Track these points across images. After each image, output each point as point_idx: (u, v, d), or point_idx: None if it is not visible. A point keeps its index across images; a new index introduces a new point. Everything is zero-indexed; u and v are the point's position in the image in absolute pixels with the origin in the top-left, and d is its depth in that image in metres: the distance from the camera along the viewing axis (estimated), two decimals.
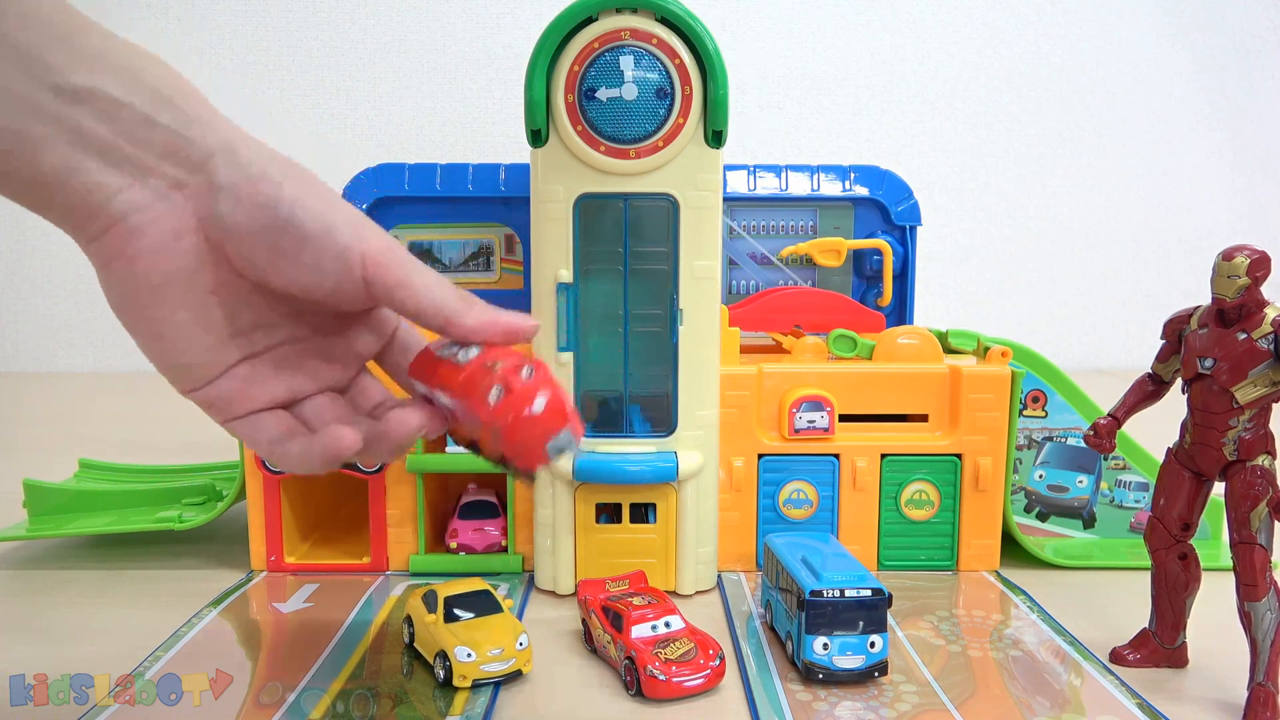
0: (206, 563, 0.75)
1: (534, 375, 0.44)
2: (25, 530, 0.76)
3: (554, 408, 0.43)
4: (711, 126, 0.63)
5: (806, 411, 0.71)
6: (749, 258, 0.90)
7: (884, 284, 0.87)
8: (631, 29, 0.61)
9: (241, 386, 0.41)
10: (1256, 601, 0.51)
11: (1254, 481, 0.51)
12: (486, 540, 0.72)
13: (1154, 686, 0.54)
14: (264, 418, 0.42)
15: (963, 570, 0.73)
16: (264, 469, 0.71)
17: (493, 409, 0.42)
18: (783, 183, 0.89)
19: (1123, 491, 0.78)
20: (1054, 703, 0.52)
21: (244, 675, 0.55)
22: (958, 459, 0.72)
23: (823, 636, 0.54)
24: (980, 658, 0.58)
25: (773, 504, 0.72)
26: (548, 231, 0.65)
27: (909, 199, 0.89)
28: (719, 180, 0.64)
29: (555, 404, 0.43)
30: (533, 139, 0.64)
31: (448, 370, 0.45)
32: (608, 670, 0.56)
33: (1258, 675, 0.51)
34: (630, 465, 0.65)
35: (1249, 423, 0.52)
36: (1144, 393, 0.57)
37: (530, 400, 0.43)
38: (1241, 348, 0.51)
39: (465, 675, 0.53)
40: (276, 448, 0.41)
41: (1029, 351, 0.78)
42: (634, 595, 0.59)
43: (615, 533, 0.68)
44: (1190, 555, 0.56)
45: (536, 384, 0.43)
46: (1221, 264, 0.51)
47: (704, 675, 0.53)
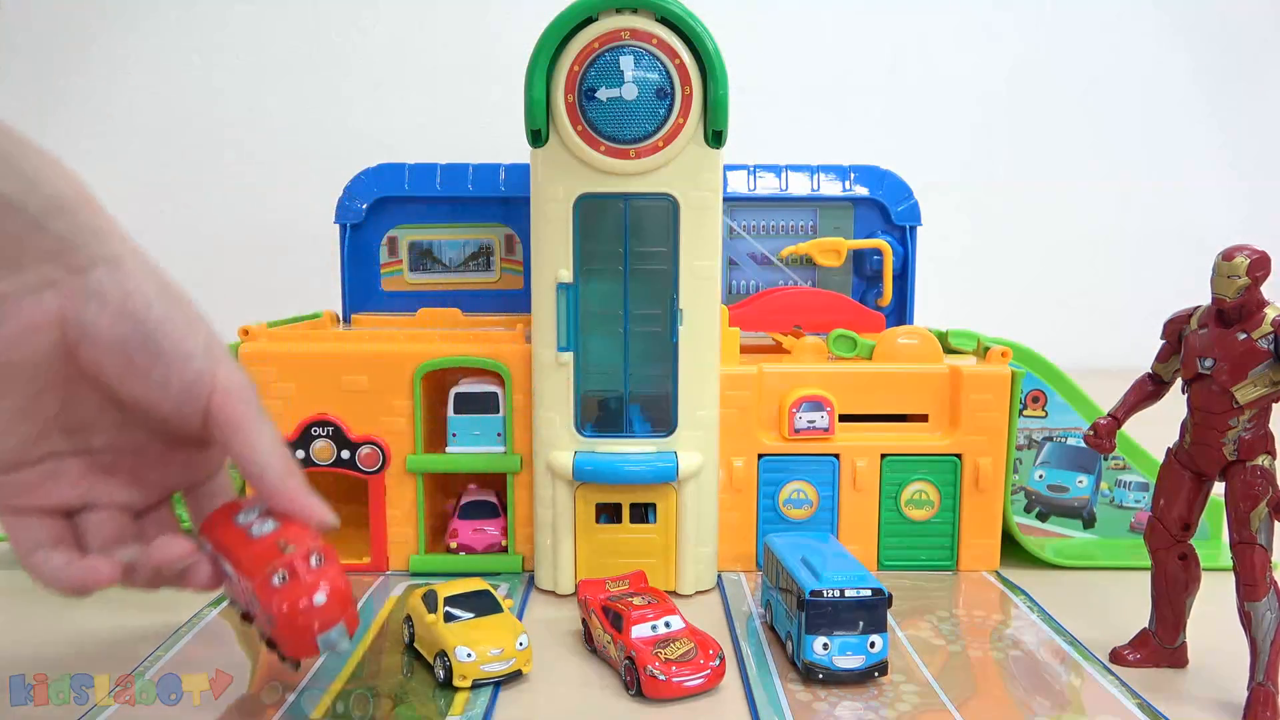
0: None
1: (322, 564, 0.45)
2: None
3: (335, 600, 0.44)
4: (711, 126, 0.63)
5: (806, 411, 0.71)
6: (749, 258, 0.90)
7: (884, 284, 0.87)
8: (631, 29, 0.61)
9: (38, 481, 0.42)
10: (1256, 601, 0.51)
11: (1254, 481, 0.51)
12: (486, 540, 0.72)
13: (1154, 686, 0.54)
14: (35, 521, 0.42)
15: (963, 570, 0.73)
16: None
17: (273, 592, 0.43)
18: (783, 183, 0.89)
19: (1123, 491, 0.78)
20: (1054, 703, 0.52)
21: (244, 675, 0.55)
22: (958, 459, 0.72)
23: (823, 636, 0.54)
24: (980, 658, 0.58)
25: (773, 504, 0.72)
26: (548, 231, 0.65)
27: (909, 199, 0.89)
28: (719, 180, 0.64)
29: (336, 596, 0.44)
30: (533, 139, 0.64)
31: (239, 540, 0.45)
32: (608, 670, 0.56)
33: (1258, 675, 0.51)
34: (630, 465, 0.65)
35: (1249, 423, 0.52)
36: (1144, 393, 0.57)
37: (312, 592, 0.44)
38: (1241, 348, 0.51)
39: (465, 675, 0.53)
40: (35, 556, 0.42)
41: (1029, 351, 0.78)
42: (634, 595, 0.59)
43: (615, 533, 0.68)
44: (1190, 555, 0.56)
45: (321, 574, 0.44)
46: (1221, 264, 0.51)
47: (704, 675, 0.53)
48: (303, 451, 0.70)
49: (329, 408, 0.70)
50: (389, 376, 0.70)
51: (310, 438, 0.70)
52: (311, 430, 0.70)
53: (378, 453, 0.71)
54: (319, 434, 0.70)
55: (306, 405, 0.70)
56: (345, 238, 0.91)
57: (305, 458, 0.70)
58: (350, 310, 0.92)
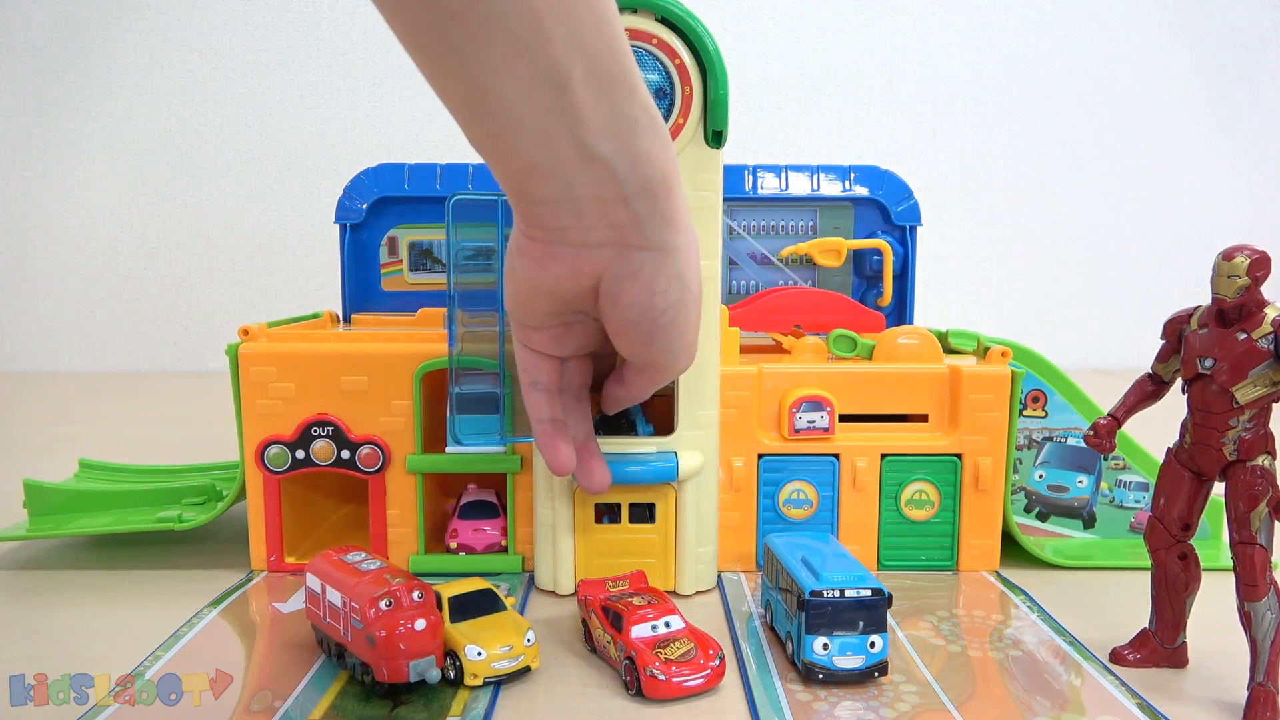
0: (206, 563, 0.75)
1: (422, 599, 0.53)
2: (25, 530, 0.76)
3: (430, 632, 0.51)
4: (711, 126, 0.63)
5: (806, 411, 0.71)
6: (749, 258, 0.90)
7: (884, 284, 0.88)
8: (631, 29, 0.61)
9: (548, 340, 0.55)
10: (1256, 601, 0.51)
11: (1254, 481, 0.51)
12: (486, 540, 0.72)
13: (1154, 686, 0.54)
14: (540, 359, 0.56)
15: (963, 570, 0.73)
16: (264, 469, 0.71)
17: (379, 615, 0.51)
18: (783, 183, 0.89)
19: (1123, 491, 0.78)
20: (1054, 703, 0.52)
21: (243, 675, 0.55)
22: (958, 459, 0.72)
23: (823, 636, 0.54)
24: (980, 658, 0.58)
25: (773, 504, 0.72)
26: None
27: (909, 199, 0.89)
28: (719, 180, 0.64)
29: (432, 629, 0.51)
30: None
31: (348, 571, 0.54)
32: (608, 670, 0.56)
33: (1258, 675, 0.51)
34: (630, 465, 0.65)
35: (1249, 423, 0.52)
36: (1144, 393, 0.57)
37: (413, 619, 0.51)
38: (1241, 348, 0.51)
39: (476, 674, 0.53)
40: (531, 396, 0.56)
41: (1029, 351, 0.78)
42: (634, 595, 0.59)
43: (615, 533, 0.68)
44: (1190, 555, 0.56)
45: (421, 606, 0.52)
46: (1221, 264, 0.51)
47: (704, 675, 0.53)
48: (303, 451, 0.70)
49: (329, 408, 0.70)
50: (389, 376, 0.70)
51: (310, 438, 0.70)
52: (311, 430, 0.70)
53: (378, 453, 0.71)
54: (319, 434, 0.70)
55: (306, 405, 0.70)
56: (345, 238, 0.91)
57: (305, 458, 0.70)
58: (350, 310, 0.92)
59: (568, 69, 0.41)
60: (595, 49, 0.41)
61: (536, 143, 0.43)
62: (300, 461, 0.71)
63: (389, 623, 0.50)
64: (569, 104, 0.42)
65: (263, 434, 0.70)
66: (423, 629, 0.51)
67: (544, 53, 0.40)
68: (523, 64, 0.40)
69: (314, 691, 0.53)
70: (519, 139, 0.43)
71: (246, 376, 0.70)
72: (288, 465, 0.71)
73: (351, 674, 0.54)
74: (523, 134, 0.43)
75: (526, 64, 0.40)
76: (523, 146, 0.43)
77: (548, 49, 0.40)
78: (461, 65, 0.41)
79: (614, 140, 0.44)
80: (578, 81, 0.41)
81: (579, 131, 0.43)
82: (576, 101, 0.42)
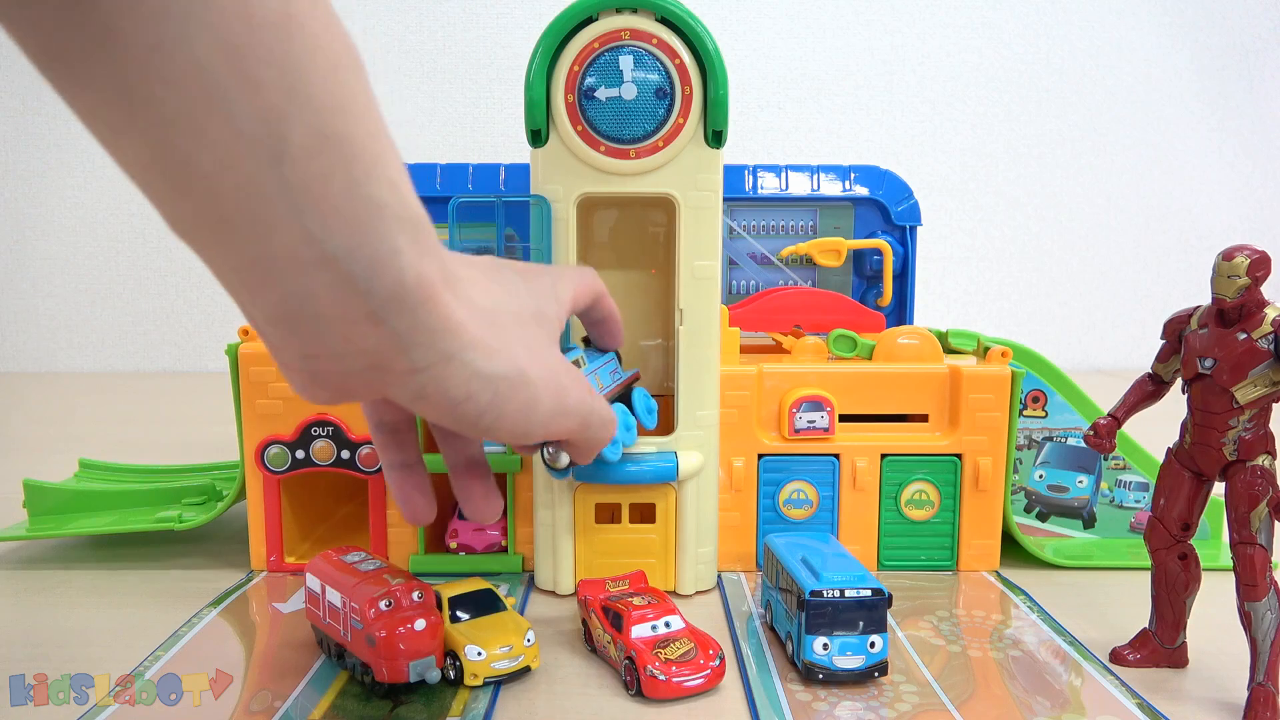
0: (206, 563, 0.75)
1: (422, 599, 0.53)
2: (25, 530, 0.76)
3: (430, 632, 0.51)
4: (711, 126, 0.63)
5: (806, 411, 0.71)
6: (749, 258, 0.90)
7: (884, 284, 0.87)
8: (631, 29, 0.61)
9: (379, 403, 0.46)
10: (1256, 601, 0.51)
11: (1254, 481, 0.51)
12: (486, 540, 0.72)
13: (1154, 686, 0.54)
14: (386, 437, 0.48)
15: (963, 570, 0.73)
16: (264, 469, 0.71)
17: (378, 616, 0.51)
18: (783, 183, 0.89)
19: (1123, 491, 0.78)
20: (1054, 703, 0.52)
21: (243, 675, 0.55)
22: (958, 459, 0.72)
23: (823, 637, 0.54)
24: (980, 658, 0.58)
25: (773, 504, 0.72)
26: None
27: (909, 199, 0.89)
28: (719, 180, 0.64)
29: (431, 629, 0.51)
30: (533, 139, 0.64)
31: (349, 571, 0.54)
32: (608, 670, 0.56)
33: (1258, 675, 0.51)
34: (630, 465, 0.65)
35: (1249, 423, 0.52)
36: (1144, 393, 0.57)
37: (413, 620, 0.51)
38: (1241, 348, 0.51)
39: (476, 674, 0.53)
40: None
41: (1029, 351, 0.78)
42: (634, 595, 0.59)
43: (615, 533, 0.68)
44: (1190, 555, 0.56)
45: (421, 607, 0.52)
46: (1221, 264, 0.51)
47: (704, 675, 0.53)
48: (303, 451, 0.70)
49: (329, 407, 0.70)
50: None
51: (310, 438, 0.70)
52: (311, 430, 0.70)
53: None
54: (319, 434, 0.70)
55: (306, 405, 0.70)
56: None
57: (305, 458, 0.70)
58: None
59: (283, 130, 0.29)
60: (323, 104, 0.30)
61: (248, 234, 0.31)
62: (300, 461, 0.71)
63: (389, 623, 0.50)
64: (285, 179, 0.30)
65: (263, 434, 0.70)
66: (422, 629, 0.51)
67: (250, 106, 0.28)
68: (218, 121, 0.28)
69: (314, 691, 0.53)
70: (226, 226, 0.31)
71: (246, 376, 0.70)
72: (288, 465, 0.71)
73: (351, 674, 0.54)
74: (229, 219, 0.30)
75: (224, 121, 0.28)
76: (233, 238, 0.31)
77: (254, 100, 0.28)
78: (129, 114, 0.28)
79: (349, 233, 0.32)
80: (297, 148, 0.30)
81: (305, 220, 0.31)
82: (297, 176, 0.30)
